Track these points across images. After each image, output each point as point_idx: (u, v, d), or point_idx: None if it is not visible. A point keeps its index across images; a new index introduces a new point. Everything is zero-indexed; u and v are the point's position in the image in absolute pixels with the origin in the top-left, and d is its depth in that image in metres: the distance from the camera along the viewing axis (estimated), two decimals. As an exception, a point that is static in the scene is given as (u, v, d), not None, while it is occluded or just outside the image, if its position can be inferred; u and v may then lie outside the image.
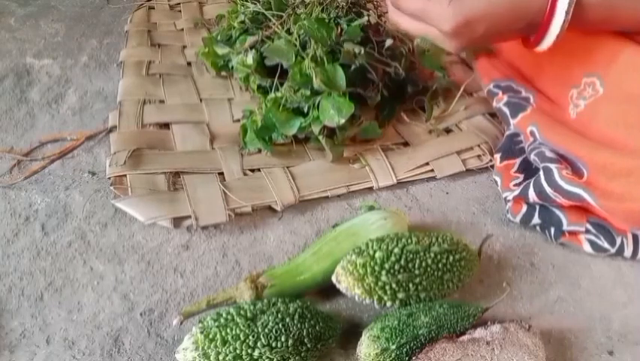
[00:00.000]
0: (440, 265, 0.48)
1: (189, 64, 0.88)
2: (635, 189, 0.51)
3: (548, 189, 0.55)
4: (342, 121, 0.62)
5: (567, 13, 0.50)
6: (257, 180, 0.65)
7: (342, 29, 0.70)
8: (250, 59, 0.73)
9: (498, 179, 0.64)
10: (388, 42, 0.69)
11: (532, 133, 0.62)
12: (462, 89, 0.75)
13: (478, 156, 0.69)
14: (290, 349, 0.43)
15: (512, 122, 0.66)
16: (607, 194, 0.52)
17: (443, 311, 0.45)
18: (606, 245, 0.55)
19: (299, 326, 0.44)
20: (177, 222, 0.59)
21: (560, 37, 0.53)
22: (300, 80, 0.65)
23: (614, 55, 0.57)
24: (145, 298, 0.53)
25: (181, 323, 0.47)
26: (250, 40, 0.76)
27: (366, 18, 0.71)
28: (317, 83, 0.63)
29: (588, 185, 0.53)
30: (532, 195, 0.57)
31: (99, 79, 0.85)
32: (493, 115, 0.74)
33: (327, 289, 0.51)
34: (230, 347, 0.42)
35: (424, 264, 0.47)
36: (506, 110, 0.67)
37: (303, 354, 0.44)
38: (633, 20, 0.54)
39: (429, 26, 0.55)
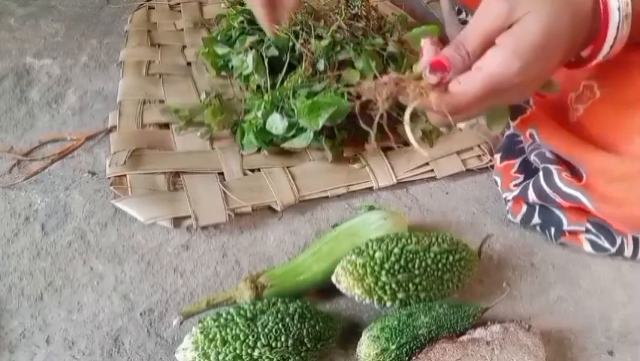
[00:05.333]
0: (440, 265, 0.48)
1: (189, 64, 0.88)
2: (633, 194, 0.51)
3: (548, 190, 0.55)
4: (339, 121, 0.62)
5: (620, 9, 0.45)
6: (257, 180, 0.65)
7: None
8: (250, 59, 0.74)
9: (498, 179, 0.64)
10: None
11: (531, 135, 0.62)
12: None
13: (478, 156, 0.69)
14: (290, 349, 0.43)
15: (512, 124, 0.66)
16: (605, 198, 0.52)
17: (443, 311, 0.45)
18: (606, 245, 0.55)
19: (299, 326, 0.44)
20: (177, 222, 0.59)
21: (617, 41, 0.48)
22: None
23: (613, 60, 0.56)
24: (145, 298, 0.53)
25: (181, 323, 0.47)
26: (250, 40, 0.76)
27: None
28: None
29: (587, 188, 0.53)
30: (531, 196, 0.57)
31: (99, 79, 0.85)
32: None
33: (327, 289, 0.51)
34: (230, 347, 0.42)
35: (423, 264, 0.47)
36: None
37: (303, 354, 0.44)
38: None
39: (496, 96, 0.46)
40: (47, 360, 0.47)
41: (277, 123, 0.65)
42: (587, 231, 0.56)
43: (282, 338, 0.43)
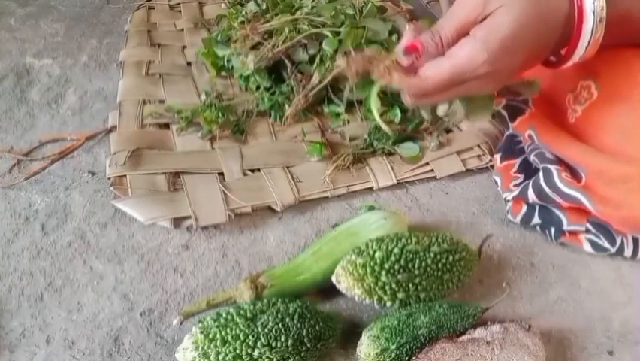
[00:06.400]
0: (440, 265, 0.48)
1: (189, 64, 0.88)
2: (631, 196, 0.50)
3: (547, 190, 0.55)
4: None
5: (595, 13, 0.46)
6: (257, 180, 0.65)
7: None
8: (251, 60, 0.74)
9: (498, 179, 0.64)
10: None
11: (530, 136, 0.62)
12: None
13: (478, 156, 0.69)
14: (290, 349, 0.43)
15: (511, 125, 0.66)
16: (604, 200, 0.52)
17: (443, 311, 0.45)
18: (606, 245, 0.55)
19: (299, 326, 0.44)
20: (177, 222, 0.59)
21: (591, 44, 0.48)
22: None
23: (610, 59, 0.56)
24: (145, 298, 0.53)
25: (181, 323, 0.47)
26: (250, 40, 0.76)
27: None
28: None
29: (586, 189, 0.53)
30: (531, 196, 0.57)
31: (99, 79, 0.85)
32: (493, 115, 0.74)
33: (327, 289, 0.51)
34: (230, 347, 0.42)
35: (423, 264, 0.47)
36: (505, 113, 0.67)
37: (303, 354, 0.44)
38: None
39: (461, 86, 0.47)
40: (47, 360, 0.47)
41: None
42: (587, 231, 0.56)
43: (282, 338, 0.43)
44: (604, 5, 0.47)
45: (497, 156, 0.66)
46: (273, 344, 0.43)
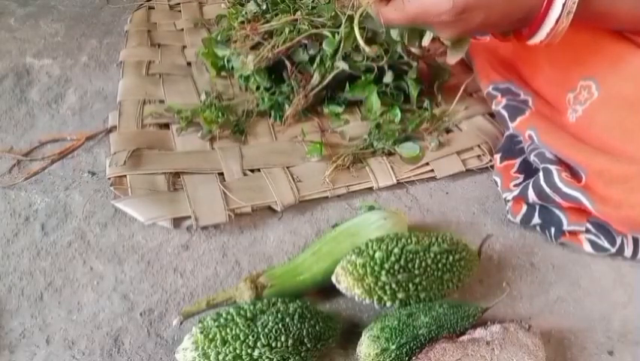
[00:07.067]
0: (440, 265, 0.48)
1: (189, 64, 0.88)
2: (632, 196, 0.51)
3: (547, 190, 0.55)
4: None
5: (564, 5, 0.49)
6: (257, 180, 0.65)
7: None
8: (251, 60, 0.74)
9: (498, 179, 0.64)
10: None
11: (530, 137, 0.62)
12: (462, 89, 0.75)
13: (478, 156, 0.69)
14: (290, 349, 0.43)
15: (511, 125, 0.66)
16: (605, 200, 0.52)
17: (443, 311, 0.45)
18: (606, 245, 0.55)
19: (299, 326, 0.44)
20: (177, 222, 0.59)
21: (554, 32, 0.51)
22: None
23: (611, 59, 0.56)
24: (145, 298, 0.53)
25: (181, 323, 0.47)
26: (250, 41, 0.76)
27: None
28: None
29: (586, 189, 0.53)
30: (531, 196, 0.57)
31: (99, 79, 0.85)
32: (493, 115, 0.74)
33: (327, 289, 0.51)
34: (230, 347, 0.42)
35: (423, 264, 0.47)
36: (505, 113, 0.67)
37: (303, 354, 0.44)
38: (632, 17, 0.53)
39: (423, 22, 0.53)
40: (47, 360, 0.47)
41: None
42: (587, 231, 0.56)
43: (282, 338, 0.43)
44: (576, 1, 0.48)
45: (497, 156, 0.66)
46: (273, 344, 0.43)
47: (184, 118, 0.71)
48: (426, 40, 0.59)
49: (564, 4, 0.48)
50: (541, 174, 0.57)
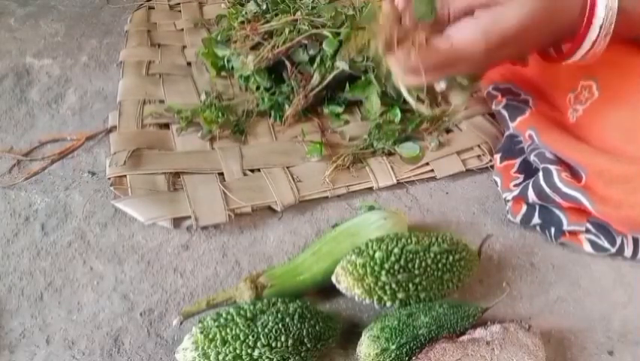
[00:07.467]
0: (440, 265, 0.48)
1: (189, 64, 0.88)
2: (632, 196, 0.50)
3: (547, 190, 0.55)
4: None
5: (602, 27, 0.46)
6: (257, 180, 0.65)
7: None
8: (251, 60, 0.74)
9: (498, 179, 0.64)
10: None
11: (530, 136, 0.62)
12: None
13: (478, 156, 0.69)
14: (290, 349, 0.43)
15: (511, 125, 0.66)
16: (605, 200, 0.52)
17: (443, 311, 0.45)
18: (606, 245, 0.55)
19: (299, 326, 0.44)
20: (177, 222, 0.59)
21: (589, 54, 0.49)
22: None
23: (612, 59, 0.56)
24: (145, 298, 0.53)
25: (181, 323, 0.47)
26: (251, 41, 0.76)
27: None
28: None
29: (586, 189, 0.53)
30: (531, 196, 0.57)
31: (99, 79, 0.85)
32: (493, 115, 0.74)
33: (327, 289, 0.51)
34: (230, 347, 0.42)
35: (423, 264, 0.47)
36: (505, 113, 0.67)
37: (303, 354, 0.44)
38: None
39: (454, 65, 0.47)
40: (47, 360, 0.47)
41: None
42: (587, 231, 0.56)
43: (282, 338, 0.43)
44: (613, 22, 0.46)
45: (497, 156, 0.66)
46: (273, 344, 0.43)
47: (184, 118, 0.71)
48: (442, 84, 0.53)
49: (601, 26, 0.46)
50: (541, 174, 0.57)
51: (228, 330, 0.43)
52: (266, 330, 0.43)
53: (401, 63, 0.46)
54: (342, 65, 0.70)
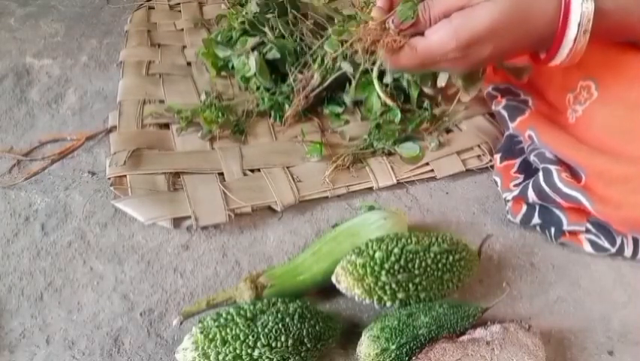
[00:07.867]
0: (440, 265, 0.48)
1: (189, 64, 0.88)
2: (632, 196, 0.51)
3: (547, 190, 0.55)
4: None
5: (580, 25, 0.48)
6: (257, 180, 0.65)
7: None
8: (252, 61, 0.74)
9: (498, 179, 0.64)
10: None
11: (530, 137, 0.62)
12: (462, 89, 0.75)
13: (478, 156, 0.69)
14: (290, 349, 0.43)
15: (511, 125, 0.66)
16: (604, 200, 0.52)
17: (443, 311, 0.45)
18: (606, 245, 0.55)
19: (299, 326, 0.44)
20: (177, 222, 0.59)
21: (573, 52, 0.50)
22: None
23: (611, 59, 0.56)
24: (145, 298, 0.53)
25: (181, 323, 0.47)
26: (251, 42, 0.76)
27: None
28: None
29: (586, 189, 0.53)
30: (531, 195, 0.57)
31: (99, 79, 0.85)
32: (493, 115, 0.74)
33: (327, 289, 0.51)
34: (230, 347, 0.42)
35: (423, 264, 0.47)
36: (505, 113, 0.67)
37: (303, 354, 0.44)
38: None
39: (431, 64, 0.53)
40: (47, 360, 0.47)
41: None
42: (587, 231, 0.56)
43: (282, 338, 0.43)
44: (591, 18, 0.47)
45: (497, 156, 0.66)
46: (273, 344, 0.43)
47: (184, 118, 0.71)
48: (442, 81, 0.61)
49: (579, 24, 0.48)
50: (540, 174, 0.57)
51: (228, 330, 0.43)
52: (266, 330, 0.43)
53: (385, 58, 0.53)
54: (345, 66, 0.70)
